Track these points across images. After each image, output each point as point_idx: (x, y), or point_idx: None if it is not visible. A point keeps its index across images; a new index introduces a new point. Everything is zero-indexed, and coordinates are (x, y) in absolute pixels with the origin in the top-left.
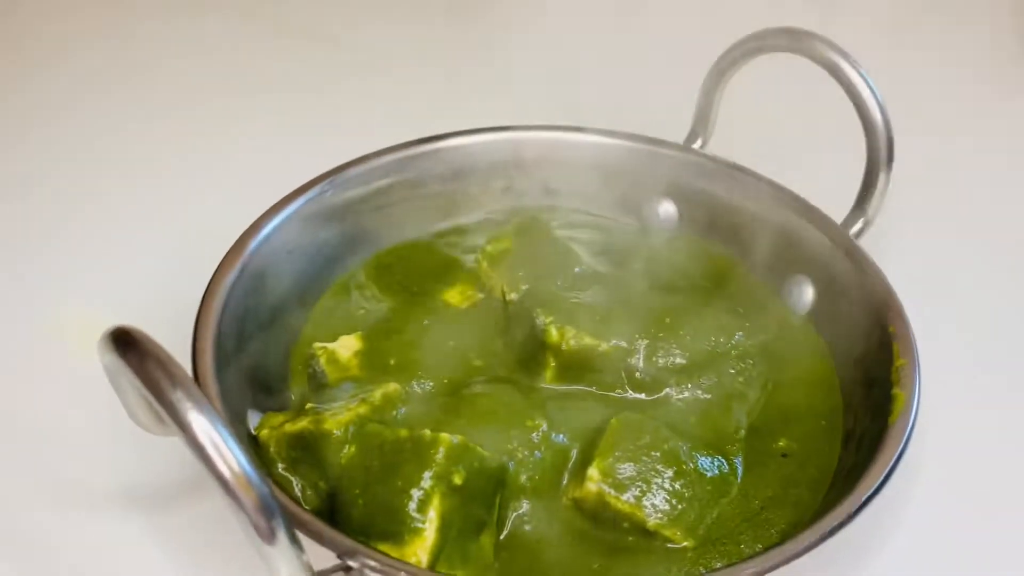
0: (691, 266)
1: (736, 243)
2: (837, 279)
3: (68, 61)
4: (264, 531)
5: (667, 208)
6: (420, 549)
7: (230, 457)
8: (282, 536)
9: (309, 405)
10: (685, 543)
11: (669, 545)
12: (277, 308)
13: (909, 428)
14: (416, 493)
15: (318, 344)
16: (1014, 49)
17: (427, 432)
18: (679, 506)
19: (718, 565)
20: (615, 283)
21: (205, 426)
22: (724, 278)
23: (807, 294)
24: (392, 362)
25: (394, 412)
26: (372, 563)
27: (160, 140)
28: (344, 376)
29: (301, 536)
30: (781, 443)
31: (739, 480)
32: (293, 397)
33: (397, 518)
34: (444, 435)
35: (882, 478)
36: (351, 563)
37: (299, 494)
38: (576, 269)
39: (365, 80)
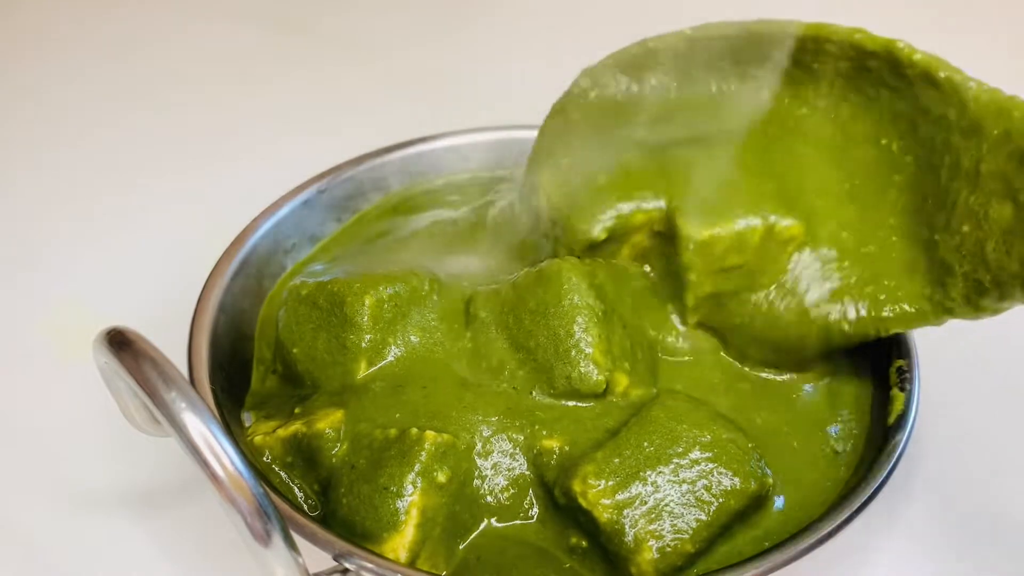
0: None
1: None
2: None
3: (65, 59)
4: (259, 533)
5: None
6: (399, 546)
7: (225, 458)
8: (277, 538)
9: (297, 409)
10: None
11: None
12: None
13: (908, 429)
14: (396, 489)
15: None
16: (1016, 49)
17: (414, 430)
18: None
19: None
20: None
21: (200, 427)
22: None
23: None
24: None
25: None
26: (368, 565)
27: (156, 139)
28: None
29: (297, 538)
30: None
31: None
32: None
33: (377, 515)
34: (430, 432)
35: (881, 479)
36: (347, 565)
37: (302, 502)
38: None
39: (365, 78)
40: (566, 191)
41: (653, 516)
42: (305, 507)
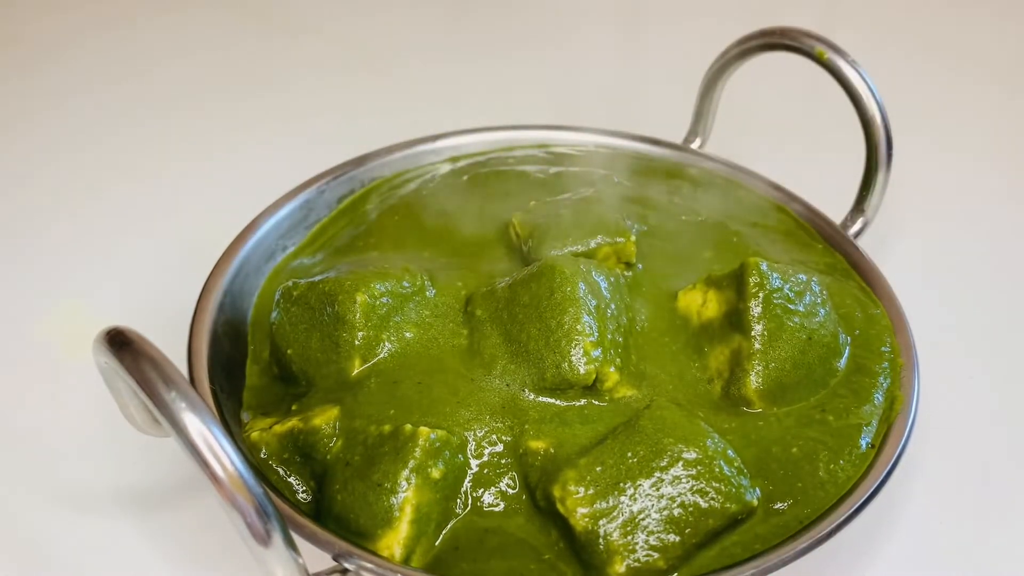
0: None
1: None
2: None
3: (63, 60)
4: (259, 533)
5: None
6: (394, 542)
7: (225, 458)
8: (277, 538)
9: (295, 406)
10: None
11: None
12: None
13: (908, 430)
14: (390, 486)
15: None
16: (1014, 48)
17: (408, 426)
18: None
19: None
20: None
21: (199, 427)
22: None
23: None
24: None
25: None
26: (368, 565)
27: (156, 140)
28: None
29: (296, 537)
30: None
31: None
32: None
33: (371, 512)
34: (424, 428)
35: (881, 479)
36: (347, 565)
37: (300, 498)
38: None
39: (364, 78)
40: (533, 227)
41: (628, 529)
42: (303, 504)
